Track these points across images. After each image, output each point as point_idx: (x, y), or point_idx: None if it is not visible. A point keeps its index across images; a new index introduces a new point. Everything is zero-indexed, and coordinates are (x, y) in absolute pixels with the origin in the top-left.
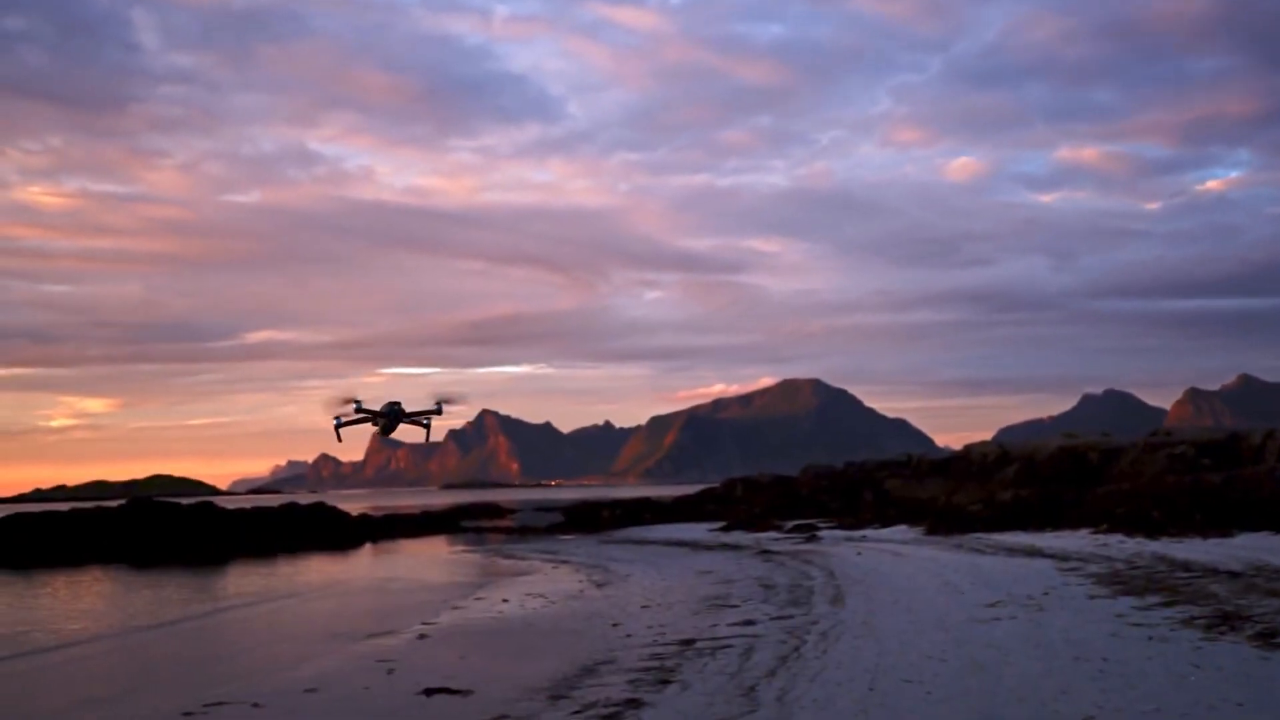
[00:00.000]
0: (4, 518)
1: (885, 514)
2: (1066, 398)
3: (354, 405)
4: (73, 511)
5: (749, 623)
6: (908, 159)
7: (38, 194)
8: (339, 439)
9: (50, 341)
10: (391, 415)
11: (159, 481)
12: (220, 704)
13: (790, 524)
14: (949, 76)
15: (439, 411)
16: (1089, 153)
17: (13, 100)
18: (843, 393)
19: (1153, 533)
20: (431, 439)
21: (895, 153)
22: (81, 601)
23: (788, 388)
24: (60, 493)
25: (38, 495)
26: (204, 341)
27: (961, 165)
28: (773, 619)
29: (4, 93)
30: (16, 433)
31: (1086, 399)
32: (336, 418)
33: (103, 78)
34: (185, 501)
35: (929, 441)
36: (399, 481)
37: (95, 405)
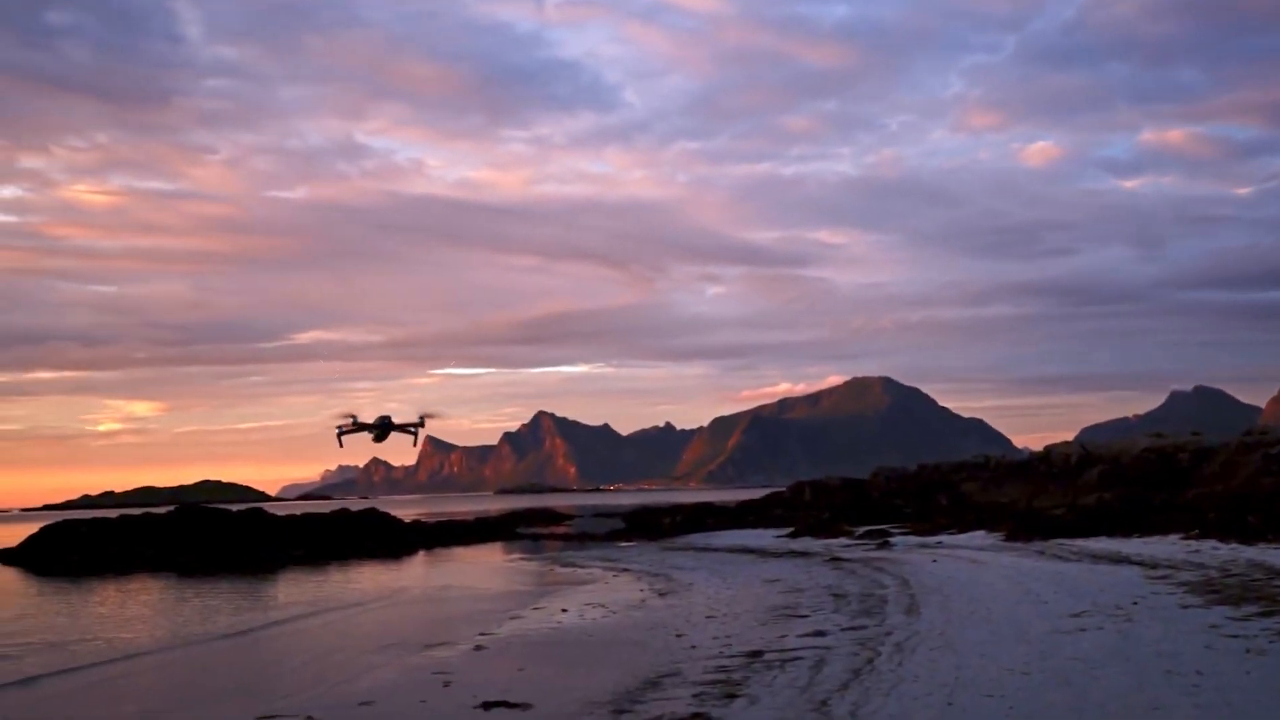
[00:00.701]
0: (55, 524)
1: (962, 519)
2: (1153, 395)
3: (351, 419)
4: (122, 519)
5: (819, 634)
6: (982, 144)
7: (83, 192)
8: (340, 445)
9: (97, 343)
10: (383, 427)
11: (207, 487)
12: (274, 717)
13: (861, 529)
14: (1025, 56)
15: (422, 424)
16: (1175, 135)
17: (58, 96)
18: (914, 391)
19: (1248, 538)
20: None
21: (968, 138)
22: (131, 610)
23: (856, 386)
24: (108, 499)
25: (85, 502)
26: (252, 342)
27: (1039, 150)
28: (844, 630)
29: (50, 88)
30: (64, 438)
31: (1175, 396)
32: (339, 428)
33: (147, 72)
34: (234, 508)
35: (1007, 442)
36: (452, 486)
37: (142, 408)
